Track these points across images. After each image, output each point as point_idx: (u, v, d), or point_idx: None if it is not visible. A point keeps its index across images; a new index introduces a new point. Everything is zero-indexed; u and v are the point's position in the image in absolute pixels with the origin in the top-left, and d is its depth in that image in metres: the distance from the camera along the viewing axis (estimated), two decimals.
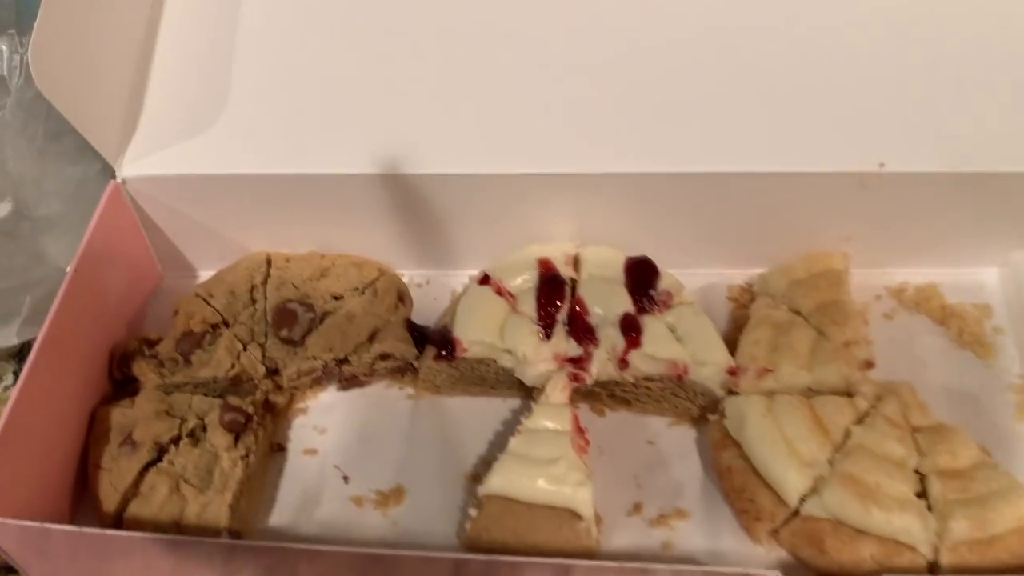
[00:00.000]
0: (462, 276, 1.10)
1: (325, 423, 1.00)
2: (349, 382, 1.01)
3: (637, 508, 0.93)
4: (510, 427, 0.98)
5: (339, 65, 1.03)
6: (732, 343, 0.98)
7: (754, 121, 0.98)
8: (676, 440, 0.97)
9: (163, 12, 1.08)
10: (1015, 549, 0.83)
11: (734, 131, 0.98)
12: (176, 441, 0.91)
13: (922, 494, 0.86)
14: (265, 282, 1.03)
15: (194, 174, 1.00)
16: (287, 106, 1.02)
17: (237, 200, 1.02)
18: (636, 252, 1.03)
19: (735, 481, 0.89)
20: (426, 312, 1.07)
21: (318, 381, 1.00)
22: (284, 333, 0.98)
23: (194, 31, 1.07)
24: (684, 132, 0.98)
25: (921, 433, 0.88)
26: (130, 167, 1.00)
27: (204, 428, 0.93)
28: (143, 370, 0.97)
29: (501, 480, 0.87)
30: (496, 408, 1.01)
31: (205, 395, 0.96)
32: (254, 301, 1.01)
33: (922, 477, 0.86)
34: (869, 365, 0.93)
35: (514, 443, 0.89)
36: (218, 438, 0.91)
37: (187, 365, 0.97)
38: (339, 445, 0.98)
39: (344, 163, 0.99)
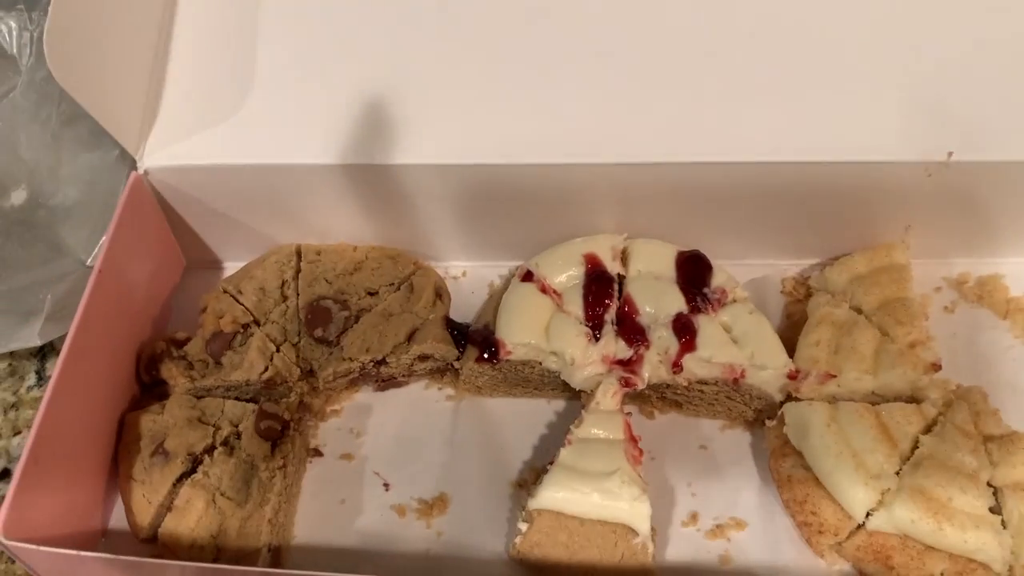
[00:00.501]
0: (501, 268, 1.05)
1: (361, 426, 0.96)
2: (386, 383, 0.97)
3: (693, 518, 0.89)
4: (555, 430, 0.94)
5: (366, 52, 0.97)
6: (787, 340, 0.93)
7: (814, 106, 0.92)
8: (730, 445, 0.93)
9: None
10: None
11: (793, 117, 0.92)
12: (210, 451, 0.87)
13: (995, 508, 0.82)
14: (296, 277, 0.98)
15: (219, 164, 0.94)
16: (313, 94, 0.96)
17: (263, 191, 0.97)
18: (683, 242, 0.98)
19: (796, 492, 0.85)
20: (463, 306, 1.02)
21: (354, 382, 0.96)
22: (319, 332, 0.93)
23: (215, 14, 1.00)
24: (736, 119, 0.92)
25: (993, 442, 0.84)
26: (152, 157, 0.95)
27: (239, 436, 0.88)
28: (172, 373, 0.93)
29: (553, 494, 0.83)
30: (541, 410, 0.97)
31: (237, 398, 0.92)
32: (285, 298, 0.97)
33: (995, 490, 0.82)
34: (936, 368, 0.89)
35: (565, 454, 0.85)
36: (254, 447, 0.87)
37: (218, 367, 0.93)
38: (377, 449, 0.94)
39: (375, 153, 0.93)
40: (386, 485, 0.92)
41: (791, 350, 0.92)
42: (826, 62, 0.94)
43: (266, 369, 0.92)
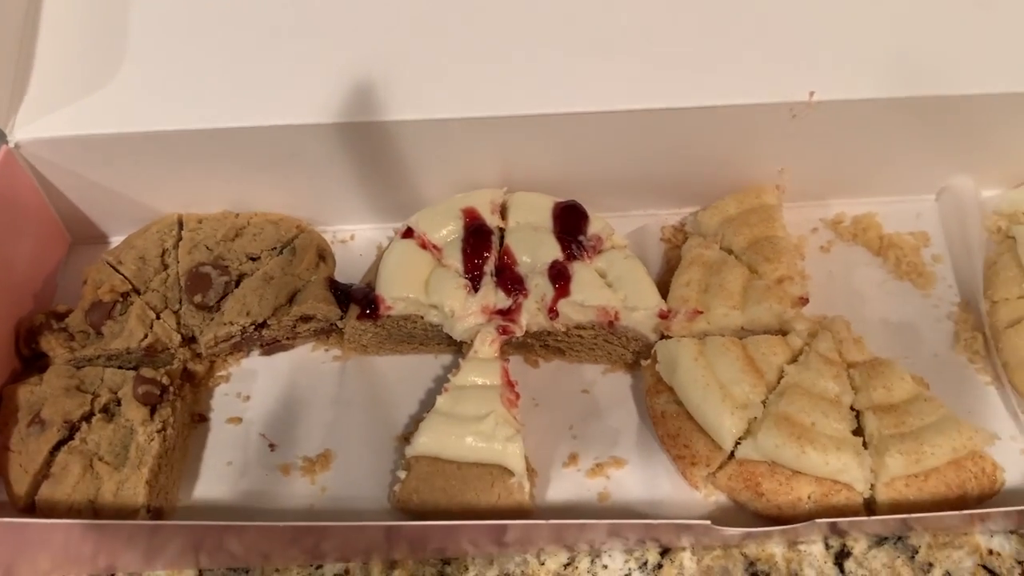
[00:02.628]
0: (388, 229, 1.06)
1: (248, 390, 0.96)
2: (271, 347, 0.97)
3: (573, 459, 0.90)
4: (440, 384, 0.95)
5: (241, 14, 0.97)
6: (666, 285, 0.96)
7: (679, 55, 0.94)
8: (611, 387, 0.95)
9: None
10: (950, 480, 0.82)
11: (659, 66, 0.94)
12: (88, 418, 0.87)
13: (858, 431, 0.84)
14: (177, 245, 0.98)
15: (94, 134, 0.94)
16: (189, 59, 0.96)
17: (143, 160, 0.97)
18: (566, 197, 0.99)
19: (669, 427, 0.87)
20: (352, 269, 1.03)
21: (238, 347, 0.96)
22: (198, 299, 0.93)
23: None
24: (608, 69, 0.94)
25: (856, 369, 0.87)
26: (23, 130, 0.94)
27: (118, 403, 0.88)
28: (52, 345, 0.92)
29: (428, 440, 0.84)
30: (427, 365, 0.98)
31: (120, 367, 0.92)
32: (166, 266, 0.97)
33: (858, 413, 0.85)
34: (803, 301, 0.91)
35: (441, 401, 0.86)
36: (133, 412, 0.87)
37: (98, 337, 0.93)
38: (264, 412, 0.94)
39: (254, 115, 0.93)
40: (272, 446, 0.92)
41: (667, 293, 0.94)
42: (692, 9, 0.96)
43: (145, 336, 0.92)
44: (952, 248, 1.02)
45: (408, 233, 0.96)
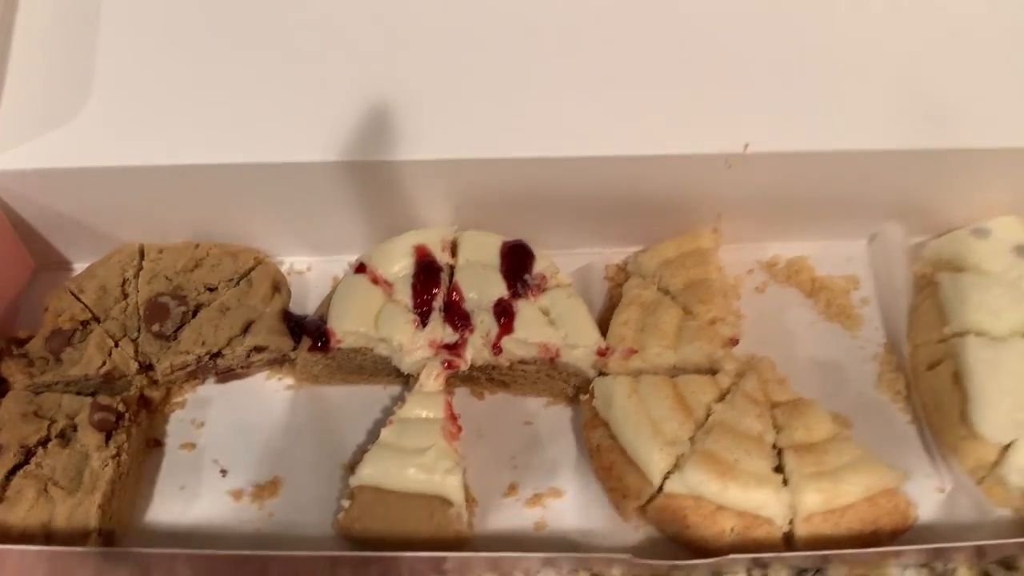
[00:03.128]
0: (343, 262, 1.09)
1: (203, 416, 0.99)
2: (226, 375, 1.01)
3: (513, 489, 0.95)
4: (389, 414, 0.99)
5: (207, 51, 1.01)
6: (607, 323, 1.00)
7: (622, 105, 0.99)
8: (552, 420, 0.99)
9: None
10: (865, 516, 0.87)
11: (603, 115, 0.98)
12: (45, 443, 0.90)
13: (779, 468, 0.89)
14: (137, 275, 1.01)
15: (59, 168, 0.97)
16: (154, 94, 0.99)
17: (107, 193, 1.00)
18: (516, 235, 1.04)
19: (604, 460, 0.91)
20: (309, 299, 1.07)
21: (194, 375, 1.00)
22: (156, 327, 0.97)
23: (55, 14, 1.03)
24: (555, 116, 0.98)
25: (779, 408, 0.92)
26: None
27: (75, 428, 0.92)
28: (11, 370, 0.95)
29: (371, 471, 0.88)
30: (377, 396, 1.01)
31: (78, 394, 0.95)
32: (126, 295, 1.00)
33: (780, 451, 0.90)
34: (733, 342, 0.96)
35: (386, 433, 0.90)
36: (88, 438, 0.90)
37: (57, 364, 0.96)
38: (217, 438, 0.98)
39: (215, 152, 0.97)
40: (223, 472, 0.96)
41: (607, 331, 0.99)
42: (633, 62, 1.00)
43: (103, 364, 0.95)
44: (880, 292, 1.07)
45: (361, 268, 1.00)
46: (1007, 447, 0.90)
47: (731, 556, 0.82)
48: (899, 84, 1.00)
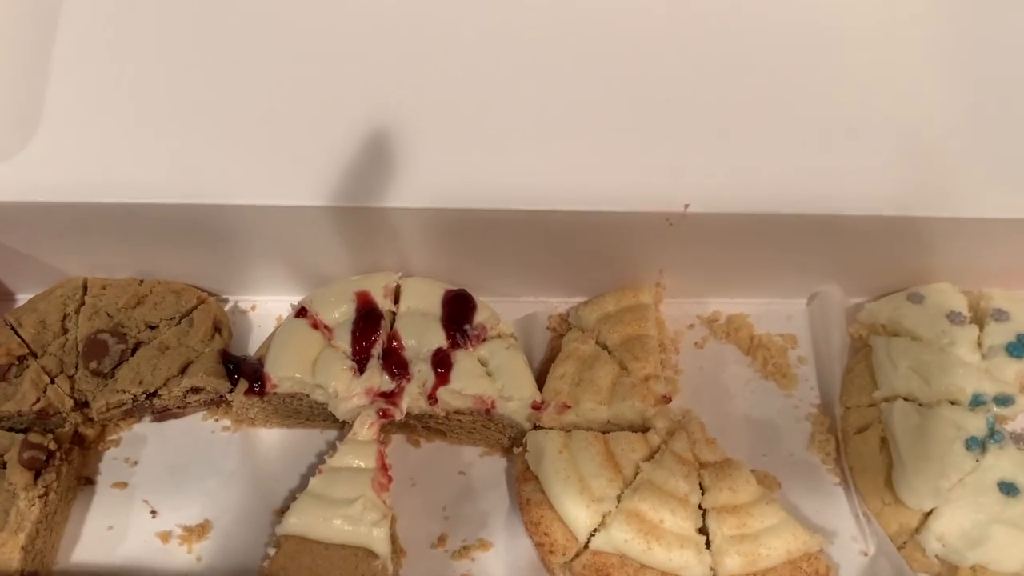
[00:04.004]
0: (289, 302, 1.09)
1: (137, 455, 0.99)
2: (162, 414, 1.01)
3: (442, 540, 0.95)
4: (324, 460, 0.99)
5: (154, 86, 1.01)
6: (548, 372, 1.01)
7: (568, 158, 0.99)
8: (487, 470, 1.00)
9: None
10: None
11: (547, 169, 0.99)
12: None
13: (704, 528, 0.90)
14: (79, 310, 1.01)
15: (3, 202, 0.96)
16: (103, 130, 0.99)
17: (51, 228, 1.00)
18: (462, 281, 1.05)
19: (533, 514, 0.92)
20: (252, 338, 1.07)
21: (130, 413, 1.00)
22: (94, 365, 0.97)
23: (5, 46, 1.03)
24: (502, 168, 0.99)
25: (707, 469, 0.93)
26: None
27: (3, 465, 0.91)
28: None
29: (297, 520, 0.88)
30: (313, 440, 1.02)
31: (10, 429, 0.95)
32: (65, 331, 1.00)
33: (705, 512, 0.91)
34: (666, 400, 0.97)
35: (314, 482, 0.90)
36: (16, 476, 0.90)
37: None
38: (150, 478, 0.98)
39: (158, 191, 0.97)
40: (153, 512, 0.96)
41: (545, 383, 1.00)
42: (580, 116, 1.01)
43: (38, 400, 0.95)
44: (817, 352, 1.09)
45: (302, 312, 1.00)
46: (928, 514, 0.92)
47: None
48: (841, 150, 1.02)
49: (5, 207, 0.97)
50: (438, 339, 0.98)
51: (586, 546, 0.90)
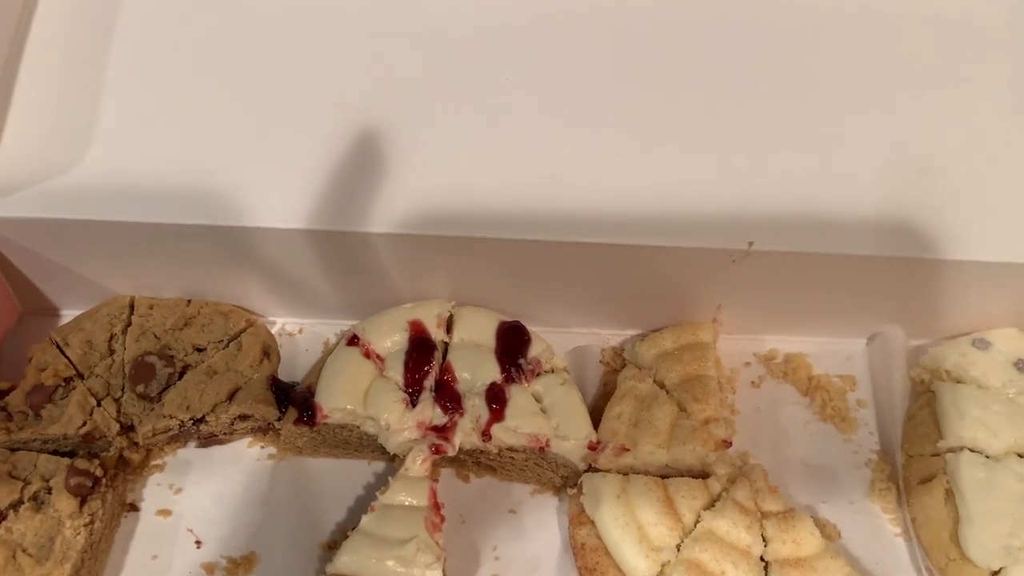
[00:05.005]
0: (336, 326, 1.08)
1: (181, 482, 0.97)
2: (208, 440, 0.99)
3: None
4: (372, 492, 0.97)
5: (206, 106, 0.99)
6: (601, 409, 0.99)
7: (630, 192, 0.98)
8: (538, 510, 0.97)
9: (25, 45, 1.02)
10: None
11: (610, 202, 0.97)
12: (17, 506, 0.88)
13: None
14: (125, 331, 0.99)
15: (53, 219, 0.95)
16: (153, 150, 0.98)
17: (98, 245, 0.98)
18: (514, 311, 1.03)
19: (588, 559, 0.90)
20: (298, 363, 1.05)
21: (175, 438, 0.98)
22: (141, 388, 0.95)
23: (56, 66, 1.01)
24: (562, 201, 0.97)
25: (769, 520, 0.90)
26: None
27: (49, 491, 0.89)
28: None
29: (349, 559, 0.86)
30: (361, 471, 0.99)
31: (55, 452, 0.93)
32: (112, 351, 0.98)
33: (767, 564, 0.88)
34: (727, 444, 0.94)
35: (366, 520, 0.88)
36: (62, 503, 0.88)
37: (36, 419, 0.93)
38: (194, 506, 0.96)
39: (209, 213, 0.95)
40: (198, 543, 0.94)
41: (599, 421, 0.97)
42: (643, 149, 0.99)
43: (84, 424, 0.93)
44: (877, 395, 1.06)
45: (353, 340, 0.98)
46: (996, 573, 0.89)
47: None
48: (907, 192, 1.00)
49: (53, 223, 0.95)
50: (492, 373, 0.96)
51: None
